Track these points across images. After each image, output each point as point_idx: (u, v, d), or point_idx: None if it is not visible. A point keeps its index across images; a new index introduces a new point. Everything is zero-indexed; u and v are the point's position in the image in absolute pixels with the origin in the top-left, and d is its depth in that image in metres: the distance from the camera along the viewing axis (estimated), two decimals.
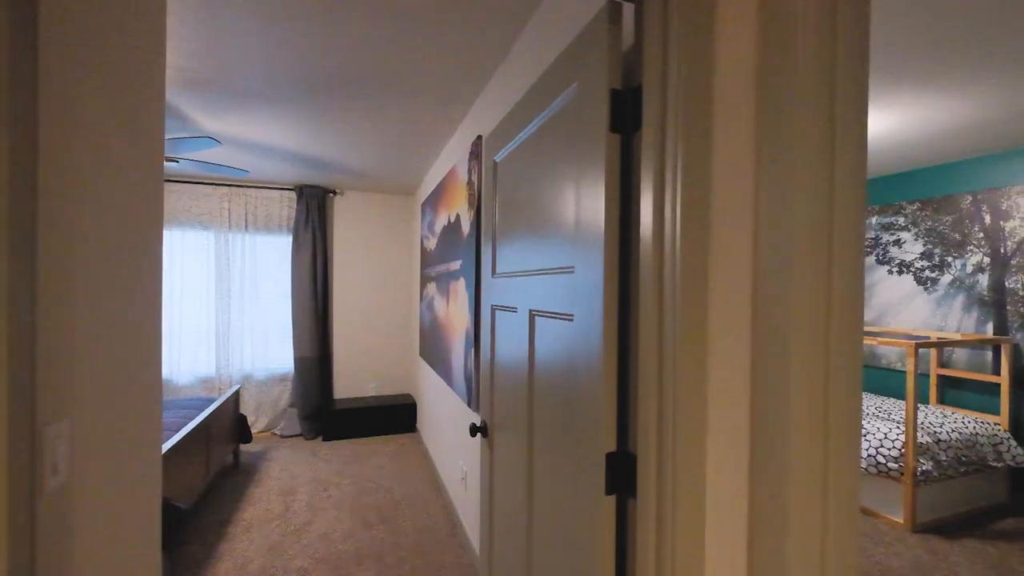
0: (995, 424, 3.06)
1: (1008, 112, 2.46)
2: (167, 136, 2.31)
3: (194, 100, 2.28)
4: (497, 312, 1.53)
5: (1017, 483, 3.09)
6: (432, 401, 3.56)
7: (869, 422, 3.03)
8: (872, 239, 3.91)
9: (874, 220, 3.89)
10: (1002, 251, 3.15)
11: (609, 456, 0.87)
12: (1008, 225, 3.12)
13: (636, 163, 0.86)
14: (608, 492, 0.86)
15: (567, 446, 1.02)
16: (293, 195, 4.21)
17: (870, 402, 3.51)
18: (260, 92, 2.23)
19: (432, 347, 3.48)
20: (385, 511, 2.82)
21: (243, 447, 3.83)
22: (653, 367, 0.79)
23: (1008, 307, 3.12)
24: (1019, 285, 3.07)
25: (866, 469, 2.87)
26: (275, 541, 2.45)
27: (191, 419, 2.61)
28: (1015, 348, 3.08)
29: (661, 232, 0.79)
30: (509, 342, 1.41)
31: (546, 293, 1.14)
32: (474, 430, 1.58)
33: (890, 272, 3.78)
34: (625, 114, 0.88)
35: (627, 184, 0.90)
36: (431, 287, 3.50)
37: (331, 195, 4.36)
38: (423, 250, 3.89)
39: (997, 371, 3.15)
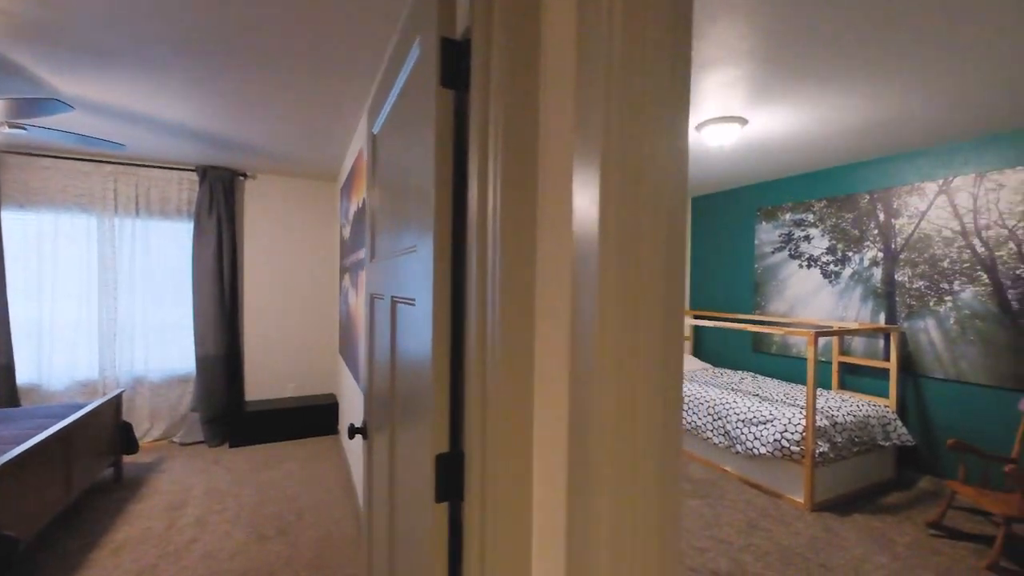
0: (885, 407, 3.29)
1: (897, 115, 2.61)
2: None
3: (36, 54, 1.96)
4: (374, 301, 1.39)
5: (902, 460, 3.34)
6: (348, 400, 3.35)
7: (776, 408, 3.16)
8: (786, 235, 4.10)
9: (788, 217, 4.08)
10: (893, 247, 3.38)
11: (440, 458, 0.76)
12: (898, 223, 3.35)
13: (467, 125, 0.75)
14: (439, 498, 0.76)
15: (412, 446, 0.91)
16: (195, 176, 3.83)
17: (780, 389, 3.67)
18: (121, 50, 1.94)
19: (346, 342, 3.27)
20: (286, 522, 2.61)
21: (130, 459, 3.43)
22: (476, 353, 0.69)
23: (897, 298, 3.35)
24: (906, 278, 3.31)
25: (772, 453, 2.99)
26: (147, 565, 2.18)
27: (45, 429, 2.26)
28: (902, 336, 3.32)
29: (484, 206, 0.68)
30: (382, 334, 1.27)
31: (402, 277, 1.01)
32: (352, 431, 1.43)
33: (800, 266, 3.98)
34: (460, 67, 0.77)
35: (465, 149, 0.79)
36: (347, 278, 3.29)
37: (240, 178, 4.01)
38: (342, 239, 3.66)
39: (888, 357, 3.39)
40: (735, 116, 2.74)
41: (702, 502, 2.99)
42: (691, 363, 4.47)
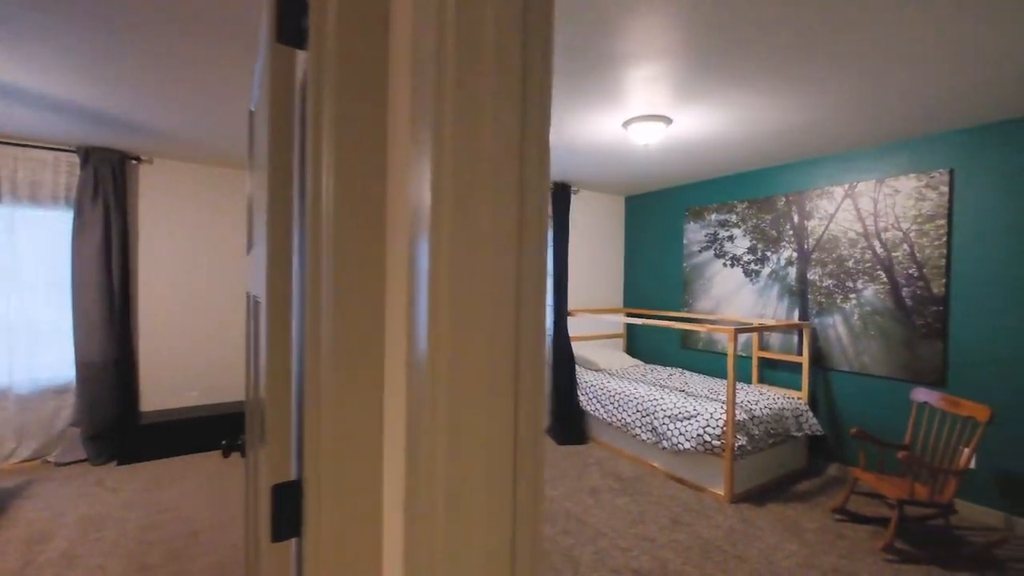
0: (798, 399, 3.46)
1: (808, 121, 2.73)
2: None
3: None
4: (248, 299, 1.21)
5: (813, 449, 3.54)
6: None
7: (700, 404, 3.23)
8: (711, 235, 4.24)
9: (713, 217, 4.22)
10: (805, 247, 3.57)
11: (277, 488, 0.62)
12: (810, 224, 3.54)
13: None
14: (275, 537, 0.61)
15: (258, 472, 0.76)
16: (75, 159, 3.35)
17: (705, 384, 3.78)
18: None
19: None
20: (176, 547, 2.31)
21: None
22: (309, 361, 0.55)
23: (809, 296, 3.54)
24: (817, 277, 3.50)
25: (695, 448, 3.05)
26: None
27: None
28: (813, 331, 3.52)
29: (318, 188, 0.55)
30: (249, 335, 1.10)
31: (255, 270, 0.85)
32: (226, 449, 1.24)
33: (725, 265, 4.12)
34: (304, 20, 0.63)
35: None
36: None
37: (133, 162, 3.57)
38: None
39: (801, 352, 3.57)
40: (660, 115, 2.75)
41: (629, 500, 2.99)
42: (623, 360, 4.53)
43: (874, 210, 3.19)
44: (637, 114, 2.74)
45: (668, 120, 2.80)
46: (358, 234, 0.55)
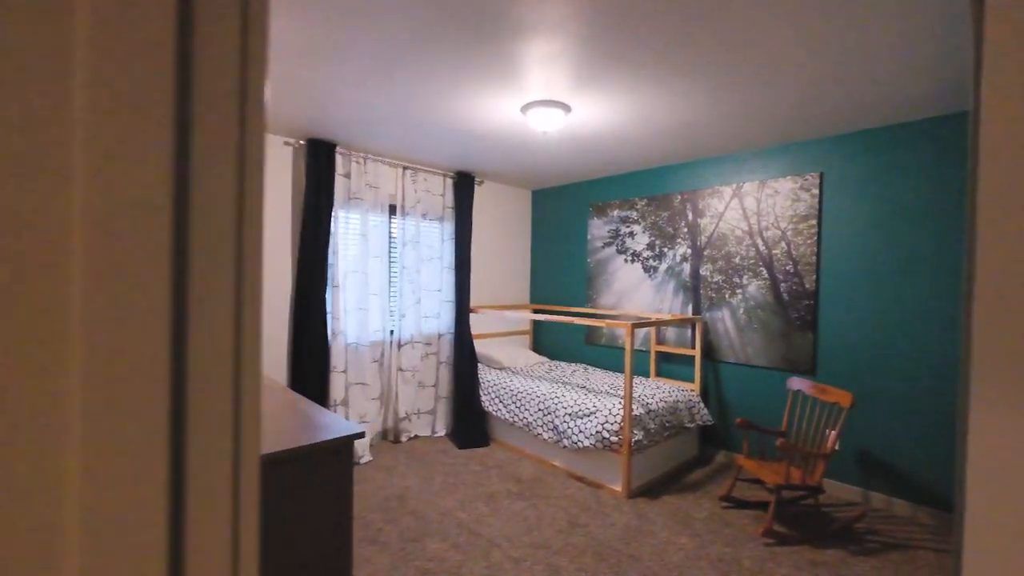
0: (691, 391, 3.56)
1: (701, 120, 2.77)
2: None
3: None
4: None
5: (704, 438, 3.67)
6: None
7: (600, 400, 3.18)
8: (614, 231, 4.26)
9: (615, 213, 4.24)
10: (698, 244, 3.68)
11: None
12: (702, 222, 3.66)
13: None
14: None
15: None
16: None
17: (607, 380, 3.77)
18: None
19: None
20: None
21: None
22: None
23: (701, 291, 3.66)
24: (708, 272, 3.62)
25: (594, 445, 2.99)
26: None
27: None
28: (704, 325, 3.64)
29: None
30: None
31: None
32: None
33: (626, 261, 4.16)
34: None
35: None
36: None
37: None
38: None
39: (694, 345, 3.68)
40: (558, 101, 2.63)
41: (526, 504, 2.85)
42: (528, 357, 4.42)
43: (757, 209, 3.36)
44: (535, 98, 2.60)
45: (567, 108, 2.69)
46: None
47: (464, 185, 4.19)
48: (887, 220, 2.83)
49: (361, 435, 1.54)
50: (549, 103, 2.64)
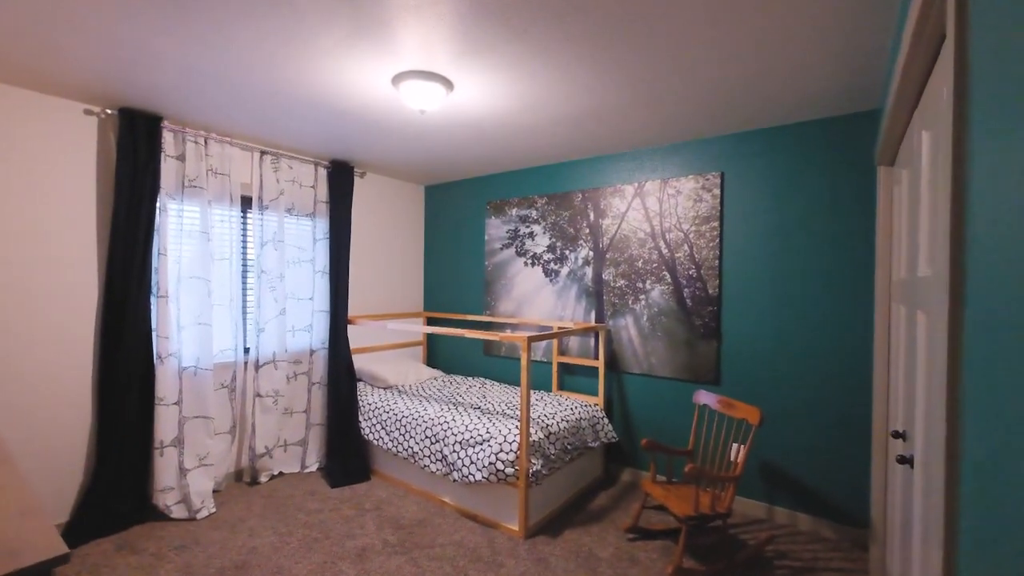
0: (594, 405, 3.27)
1: (598, 108, 2.46)
2: None
3: None
4: None
5: (609, 455, 3.40)
6: None
7: (495, 424, 2.76)
8: (513, 231, 3.88)
9: (514, 212, 3.87)
10: (600, 246, 3.42)
11: None
12: (604, 222, 3.40)
13: None
14: None
15: None
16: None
17: (504, 397, 3.37)
18: None
19: None
20: None
21: None
22: None
23: (604, 296, 3.40)
24: (611, 277, 3.37)
25: (487, 478, 2.55)
26: None
27: None
28: (608, 333, 3.38)
29: None
30: None
31: None
32: None
33: (526, 264, 3.80)
34: None
35: None
36: None
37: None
38: None
39: (598, 356, 3.41)
40: (438, 74, 2.18)
41: (404, 559, 2.34)
42: (420, 372, 3.90)
43: (660, 210, 3.16)
44: (409, 67, 2.11)
45: (448, 83, 2.24)
46: None
47: (341, 176, 3.57)
48: (788, 223, 2.73)
49: (63, 559, 0.94)
50: (426, 75, 2.17)
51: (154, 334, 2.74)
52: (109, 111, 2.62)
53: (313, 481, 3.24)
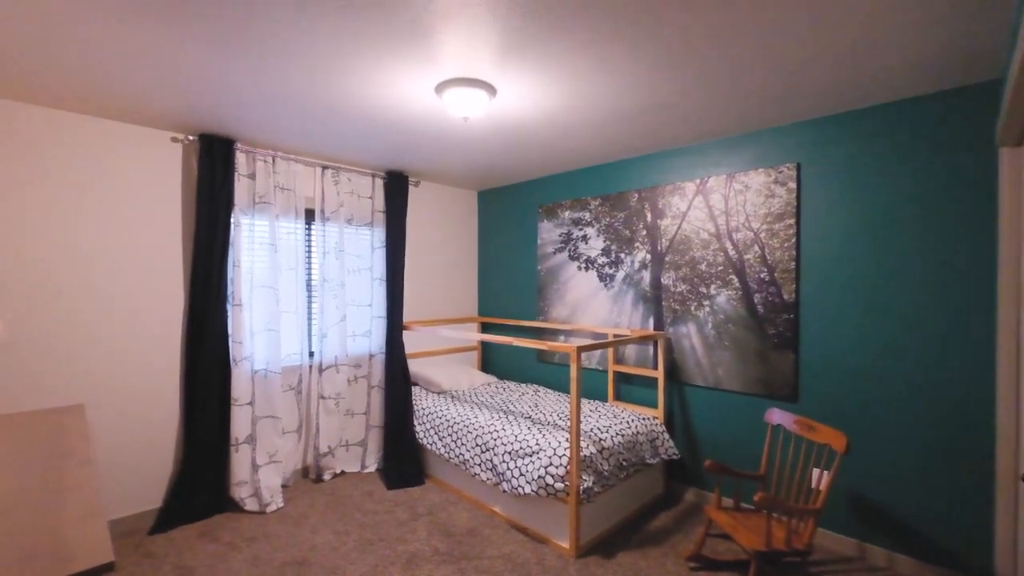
0: (654, 419, 3.07)
1: (658, 102, 2.29)
2: None
3: None
4: None
5: (670, 472, 3.18)
6: None
7: (544, 436, 2.67)
8: (565, 235, 3.77)
9: (567, 215, 3.75)
10: (659, 248, 3.20)
11: None
12: (663, 223, 3.18)
13: None
14: None
15: None
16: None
17: (557, 407, 3.26)
18: None
19: None
20: None
21: None
22: None
23: (663, 302, 3.18)
24: (671, 281, 3.15)
25: (536, 492, 2.48)
26: None
27: None
28: (668, 342, 3.16)
29: None
30: None
31: None
32: None
33: (579, 268, 3.67)
34: None
35: None
36: None
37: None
38: None
39: (657, 365, 3.20)
40: (480, 80, 2.14)
41: (452, 570, 2.33)
42: (473, 378, 3.90)
43: (725, 208, 2.89)
44: (451, 76, 2.09)
45: (491, 89, 2.19)
46: None
47: (396, 186, 3.67)
48: (880, 218, 2.37)
49: (107, 568, 1.00)
50: (468, 82, 2.14)
51: (230, 339, 2.97)
52: (191, 137, 2.87)
53: (371, 482, 3.35)
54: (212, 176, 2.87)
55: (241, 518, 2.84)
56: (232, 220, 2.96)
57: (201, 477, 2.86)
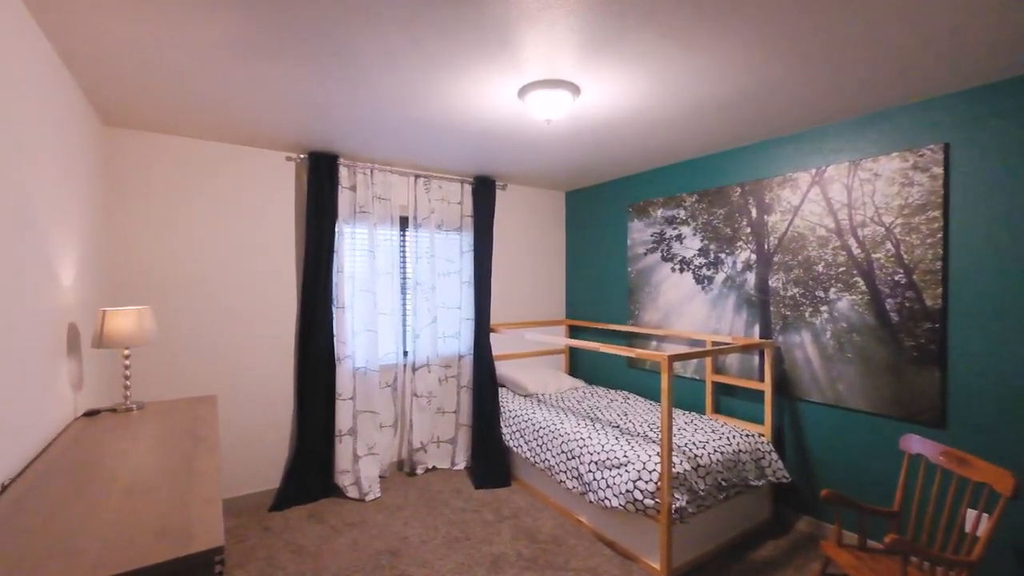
0: (759, 436, 2.77)
1: (761, 86, 2.05)
2: None
3: None
4: None
5: (779, 496, 2.85)
6: None
7: (633, 447, 2.54)
8: (658, 234, 3.55)
9: (659, 213, 3.53)
10: (766, 247, 2.89)
11: None
12: (770, 219, 2.86)
13: None
14: None
15: None
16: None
17: (648, 416, 3.09)
18: None
19: None
20: None
21: None
22: None
23: (772, 307, 2.86)
24: (780, 284, 2.82)
25: (624, 506, 2.36)
26: None
27: None
28: (777, 352, 2.83)
29: None
30: None
31: None
32: None
33: (673, 270, 3.44)
34: None
35: None
36: None
37: None
38: None
39: (763, 377, 2.89)
40: (563, 80, 2.08)
41: None
42: (560, 382, 3.84)
43: (848, 200, 2.52)
44: (534, 78, 2.06)
45: (575, 88, 2.12)
46: None
47: (484, 191, 3.73)
48: None
49: (218, 551, 1.11)
50: (551, 83, 2.09)
51: (334, 339, 3.23)
52: (302, 156, 3.17)
53: (460, 479, 3.45)
54: (319, 189, 3.14)
55: (344, 504, 3.08)
56: (336, 229, 3.22)
57: (311, 463, 3.14)
